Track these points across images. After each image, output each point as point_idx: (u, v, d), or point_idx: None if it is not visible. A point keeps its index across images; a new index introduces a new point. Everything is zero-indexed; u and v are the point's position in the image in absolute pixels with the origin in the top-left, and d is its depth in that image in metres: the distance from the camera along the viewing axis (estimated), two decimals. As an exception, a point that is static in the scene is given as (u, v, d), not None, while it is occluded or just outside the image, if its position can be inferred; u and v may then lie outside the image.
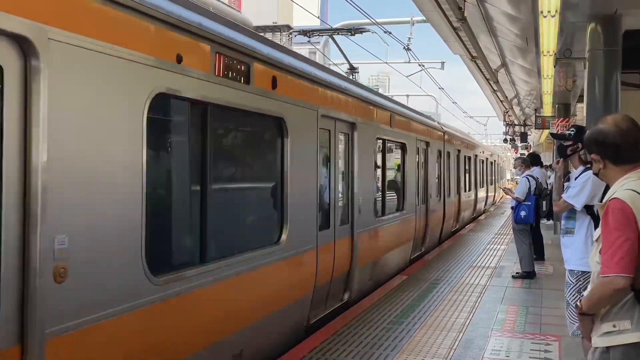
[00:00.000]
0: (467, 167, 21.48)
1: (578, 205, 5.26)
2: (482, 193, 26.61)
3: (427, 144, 14.26)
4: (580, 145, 5.41)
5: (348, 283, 8.71)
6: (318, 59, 21.99)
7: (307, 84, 7.31)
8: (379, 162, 10.67)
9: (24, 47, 3.45)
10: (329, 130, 8.11)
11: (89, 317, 3.85)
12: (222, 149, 6.03)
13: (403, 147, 12.11)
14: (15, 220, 3.44)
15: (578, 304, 3.15)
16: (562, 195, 5.51)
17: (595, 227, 4.98)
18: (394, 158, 12.23)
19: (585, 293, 3.25)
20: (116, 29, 4.08)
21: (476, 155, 24.60)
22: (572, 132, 5.51)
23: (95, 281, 3.92)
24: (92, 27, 3.87)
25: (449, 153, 17.43)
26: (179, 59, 4.72)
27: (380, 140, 10.57)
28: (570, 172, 6.06)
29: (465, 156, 20.91)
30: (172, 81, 4.67)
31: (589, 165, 5.33)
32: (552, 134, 7.28)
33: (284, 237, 6.57)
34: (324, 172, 8.00)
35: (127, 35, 4.19)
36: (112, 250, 4.08)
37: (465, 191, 20.61)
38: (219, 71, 5.30)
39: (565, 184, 5.68)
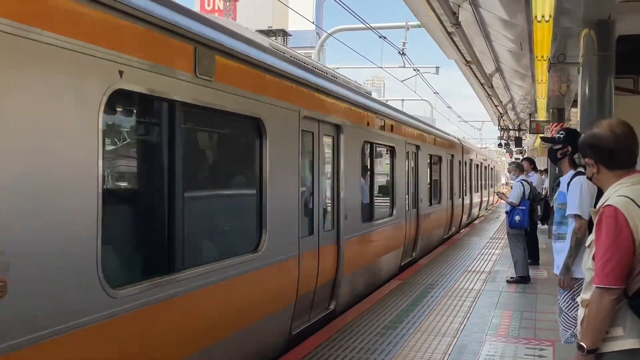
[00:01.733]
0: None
1: (586, 214, 5.05)
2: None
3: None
4: (570, 148, 5.38)
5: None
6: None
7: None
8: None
9: None
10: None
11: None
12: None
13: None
14: None
15: (582, 345, 2.99)
16: (567, 212, 5.27)
17: (589, 232, 4.97)
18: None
19: (579, 314, 3.19)
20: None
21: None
22: (562, 136, 5.48)
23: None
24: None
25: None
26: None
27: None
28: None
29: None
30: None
31: (579, 169, 5.32)
32: (542, 138, 7.29)
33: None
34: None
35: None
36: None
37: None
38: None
39: (558, 190, 5.62)
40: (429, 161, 15.42)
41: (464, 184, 22.19)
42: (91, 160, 3.88)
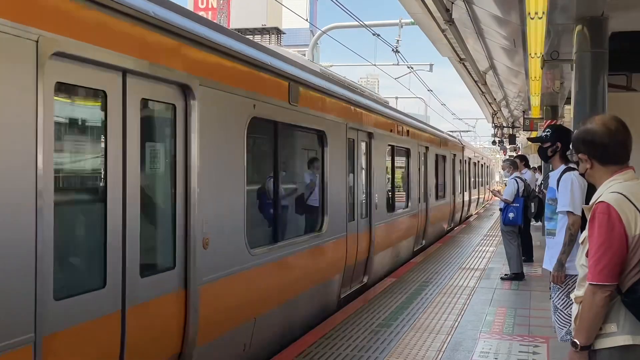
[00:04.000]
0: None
1: (578, 210, 5.02)
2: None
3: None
4: (559, 144, 5.37)
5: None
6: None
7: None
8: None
9: None
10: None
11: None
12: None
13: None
14: None
15: (576, 341, 3.00)
16: (558, 209, 5.25)
17: (581, 228, 4.96)
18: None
19: (573, 310, 3.18)
20: None
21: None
22: (549, 133, 5.47)
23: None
24: None
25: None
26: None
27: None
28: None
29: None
30: None
31: (569, 165, 5.30)
32: (529, 139, 7.26)
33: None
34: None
35: None
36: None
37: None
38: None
39: (549, 187, 5.58)
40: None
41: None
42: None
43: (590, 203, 3.15)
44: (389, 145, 12.13)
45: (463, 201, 23.40)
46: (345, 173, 9.12)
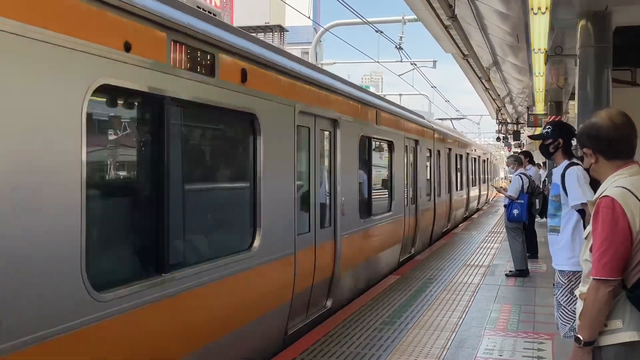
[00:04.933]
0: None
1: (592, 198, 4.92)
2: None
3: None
4: (561, 140, 5.32)
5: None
6: (310, 59, 21.95)
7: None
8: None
9: None
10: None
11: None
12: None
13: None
14: None
15: (579, 337, 2.98)
16: (571, 203, 5.15)
17: (584, 224, 4.92)
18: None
19: (577, 307, 3.14)
20: None
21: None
22: (550, 130, 5.42)
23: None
24: None
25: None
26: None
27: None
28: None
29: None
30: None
31: (572, 160, 5.25)
32: (530, 136, 7.20)
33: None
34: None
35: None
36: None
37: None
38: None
39: (553, 184, 5.51)
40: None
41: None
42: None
43: (594, 197, 3.12)
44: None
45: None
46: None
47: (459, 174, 20.84)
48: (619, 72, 10.48)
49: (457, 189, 20.29)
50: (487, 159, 33.63)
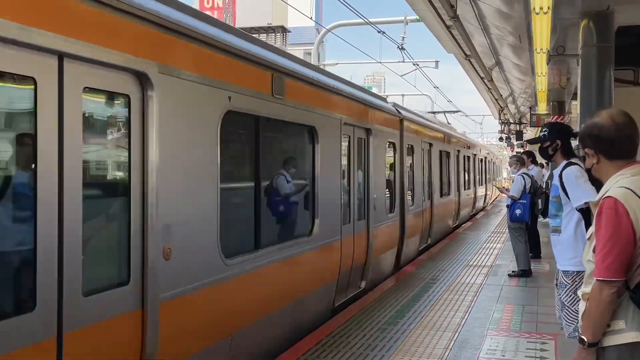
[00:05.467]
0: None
1: (594, 197, 4.92)
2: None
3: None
4: (559, 142, 5.31)
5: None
6: (312, 59, 21.96)
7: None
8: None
9: None
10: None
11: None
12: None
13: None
14: None
15: (583, 338, 2.97)
16: (575, 204, 5.13)
17: (586, 224, 4.90)
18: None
19: (580, 307, 3.13)
20: None
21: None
22: (546, 133, 5.40)
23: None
24: None
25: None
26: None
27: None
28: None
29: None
30: None
31: (570, 160, 5.24)
32: (528, 141, 7.13)
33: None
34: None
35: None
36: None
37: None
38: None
39: (553, 184, 5.49)
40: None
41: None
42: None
43: (597, 198, 3.11)
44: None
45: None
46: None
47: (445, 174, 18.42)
48: (621, 71, 10.47)
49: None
50: (485, 158, 31.47)
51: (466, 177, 21.85)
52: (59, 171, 3.64)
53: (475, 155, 24.41)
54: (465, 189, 21.26)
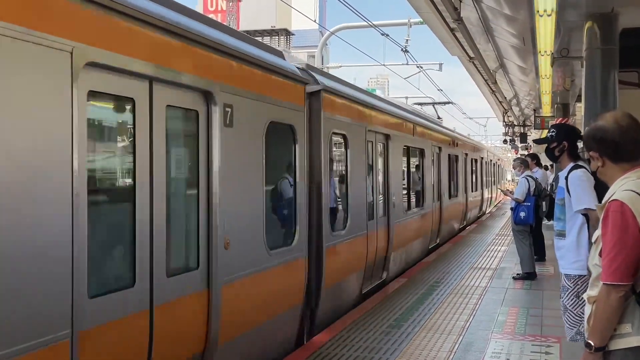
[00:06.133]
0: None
1: (594, 205, 4.92)
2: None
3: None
4: (566, 143, 5.28)
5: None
6: (316, 62, 21.97)
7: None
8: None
9: None
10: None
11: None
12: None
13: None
14: None
15: (590, 342, 2.95)
16: (575, 208, 5.09)
17: (589, 227, 4.88)
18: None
19: (586, 311, 3.12)
20: None
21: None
22: (553, 134, 5.37)
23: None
24: None
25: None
26: None
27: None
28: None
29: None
30: None
31: (577, 162, 5.22)
32: (535, 141, 7.11)
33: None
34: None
35: None
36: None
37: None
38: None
39: (559, 187, 5.47)
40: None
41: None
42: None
43: (603, 201, 3.10)
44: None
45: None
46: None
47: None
48: (626, 73, 10.42)
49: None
50: (482, 159, 27.23)
51: (445, 183, 17.02)
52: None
53: (467, 155, 21.51)
54: (440, 198, 16.15)
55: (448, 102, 26.39)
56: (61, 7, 3.75)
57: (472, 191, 22.05)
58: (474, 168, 23.28)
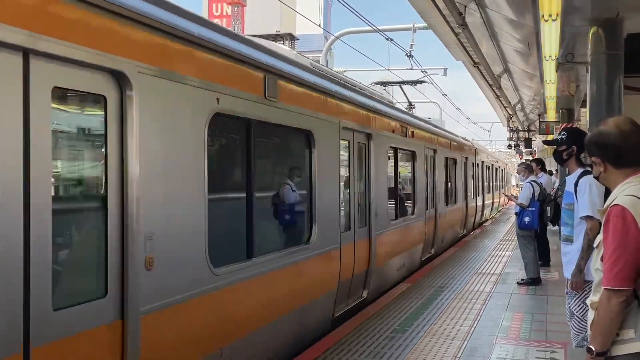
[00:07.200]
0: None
1: (592, 213, 4.93)
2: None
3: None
4: (574, 148, 5.26)
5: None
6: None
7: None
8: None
9: None
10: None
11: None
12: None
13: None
14: None
15: (591, 347, 2.96)
16: (579, 214, 5.07)
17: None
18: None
19: (589, 316, 3.12)
20: None
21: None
22: (564, 137, 5.35)
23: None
24: None
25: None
26: None
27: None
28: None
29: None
30: None
31: (586, 168, 5.20)
32: (544, 142, 7.10)
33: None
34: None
35: None
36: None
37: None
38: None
39: (566, 192, 5.46)
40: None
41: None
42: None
43: (605, 206, 3.10)
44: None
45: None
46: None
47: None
48: (631, 79, 10.39)
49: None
50: (483, 162, 25.73)
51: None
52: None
53: (467, 158, 20.06)
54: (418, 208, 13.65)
55: (421, 82, 20.11)
56: None
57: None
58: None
